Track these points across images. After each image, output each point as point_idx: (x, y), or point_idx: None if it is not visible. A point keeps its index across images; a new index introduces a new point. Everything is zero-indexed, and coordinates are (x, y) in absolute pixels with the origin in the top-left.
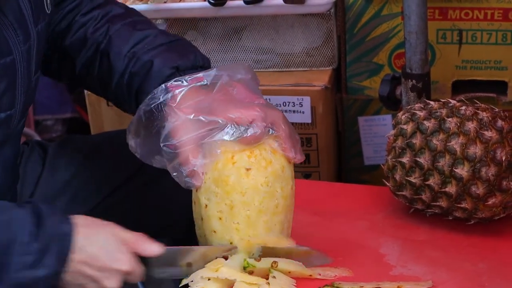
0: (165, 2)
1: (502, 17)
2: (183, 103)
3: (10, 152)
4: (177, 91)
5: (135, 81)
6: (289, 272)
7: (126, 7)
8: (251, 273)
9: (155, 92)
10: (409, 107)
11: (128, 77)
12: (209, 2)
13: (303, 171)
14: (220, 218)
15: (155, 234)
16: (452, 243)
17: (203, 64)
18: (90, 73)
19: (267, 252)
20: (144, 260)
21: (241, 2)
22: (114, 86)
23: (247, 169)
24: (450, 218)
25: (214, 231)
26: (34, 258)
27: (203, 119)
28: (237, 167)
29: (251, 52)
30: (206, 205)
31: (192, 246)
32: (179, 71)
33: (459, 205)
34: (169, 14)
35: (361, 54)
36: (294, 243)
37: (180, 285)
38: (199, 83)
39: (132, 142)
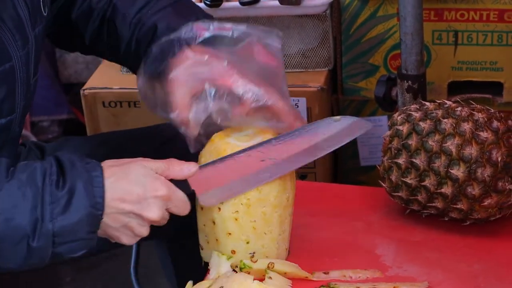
0: None
1: (498, 18)
2: (199, 47)
3: (8, 155)
4: (201, 32)
5: (141, 47)
6: (285, 273)
7: None
8: (247, 273)
9: (181, 28)
10: (404, 108)
11: (135, 44)
12: (205, 3)
13: (299, 172)
14: (236, 219)
15: (154, 233)
16: (448, 244)
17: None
18: (100, 42)
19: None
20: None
21: (237, 3)
22: (122, 52)
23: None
24: (446, 219)
25: (229, 233)
26: (64, 203)
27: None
28: None
29: None
30: (220, 208)
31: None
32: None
33: (455, 206)
34: None
35: (357, 55)
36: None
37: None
38: (225, 33)
39: (141, 82)
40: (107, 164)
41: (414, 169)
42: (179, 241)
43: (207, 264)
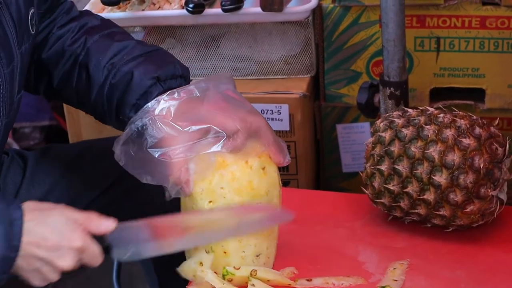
0: (143, 10)
1: (480, 25)
2: (177, 116)
3: None
4: (171, 104)
5: (115, 93)
6: (268, 281)
7: (102, 19)
8: (230, 281)
9: (148, 106)
10: (387, 114)
11: (108, 89)
12: (187, 10)
13: (281, 178)
14: None
15: None
16: (431, 250)
17: (183, 74)
18: (68, 86)
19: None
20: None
21: (219, 10)
22: (93, 98)
23: (263, 168)
24: (429, 225)
25: (239, 240)
26: None
27: (194, 128)
28: (255, 169)
29: (229, 60)
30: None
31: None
32: (159, 81)
33: (437, 213)
34: (147, 22)
35: (339, 62)
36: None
37: None
38: (191, 95)
39: (118, 150)
40: (29, 207)
41: (396, 175)
42: None
43: None
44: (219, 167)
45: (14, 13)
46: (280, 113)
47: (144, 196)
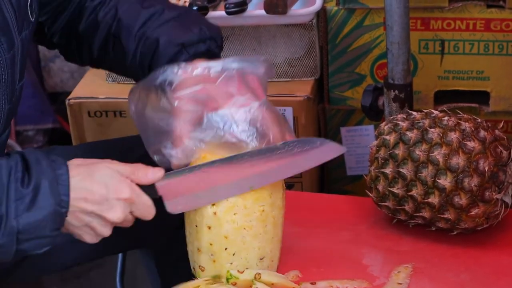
0: None
1: (484, 28)
2: (183, 89)
3: None
4: (181, 77)
5: (145, 61)
6: (272, 284)
7: None
8: (234, 284)
9: (166, 71)
10: (391, 117)
11: (139, 58)
12: None
13: (286, 181)
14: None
15: (138, 244)
16: (435, 253)
17: (211, 36)
18: (107, 56)
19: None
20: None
21: (223, 13)
22: (128, 66)
23: None
24: (433, 228)
25: (244, 242)
26: (29, 200)
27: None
28: None
29: None
30: (234, 221)
31: (198, 164)
32: (185, 47)
33: (442, 216)
34: None
35: (343, 65)
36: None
37: None
38: (201, 73)
39: (132, 103)
40: (74, 163)
41: (401, 179)
42: (166, 250)
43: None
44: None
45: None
46: (284, 115)
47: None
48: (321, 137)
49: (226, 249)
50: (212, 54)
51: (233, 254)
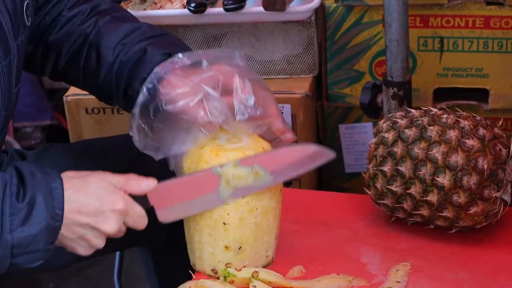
0: (144, 9)
1: (484, 25)
2: (186, 73)
3: None
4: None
5: (125, 69)
6: (270, 283)
7: (113, 3)
8: (231, 282)
9: (154, 71)
10: (390, 115)
11: (118, 67)
12: (189, 9)
13: None
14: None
15: (135, 242)
16: (434, 252)
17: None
18: (75, 66)
19: None
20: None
21: (221, 10)
22: (101, 77)
23: None
24: (432, 226)
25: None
26: (23, 215)
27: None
28: None
29: None
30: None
31: (187, 175)
32: (171, 57)
33: (440, 214)
34: (149, 21)
35: (342, 62)
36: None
37: None
38: (199, 60)
39: (135, 132)
40: (67, 176)
41: (399, 176)
42: (163, 248)
43: (191, 271)
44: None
45: (9, 5)
46: (282, 113)
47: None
48: (319, 134)
49: (246, 244)
50: None
51: (246, 250)
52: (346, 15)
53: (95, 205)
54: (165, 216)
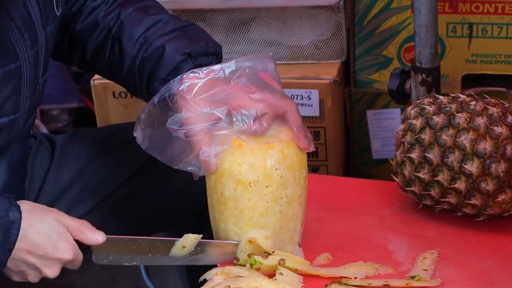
0: None
1: None
2: (198, 95)
3: (17, 150)
4: (193, 82)
5: (146, 66)
6: (296, 270)
7: None
8: (258, 269)
9: (171, 83)
10: (418, 101)
11: (139, 62)
12: None
13: (311, 165)
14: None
15: (162, 227)
16: (461, 239)
17: (215, 51)
18: (101, 58)
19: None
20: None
21: None
22: (125, 71)
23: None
24: (459, 214)
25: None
26: None
27: (217, 113)
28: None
29: (259, 45)
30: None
31: (135, 237)
32: (191, 57)
33: (468, 202)
34: (177, 5)
35: (370, 47)
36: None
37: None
38: (216, 76)
39: (139, 134)
40: (26, 209)
41: (427, 164)
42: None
43: None
44: (236, 149)
45: None
46: (310, 98)
47: (172, 180)
48: (347, 120)
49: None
50: None
51: (271, 238)
52: (374, 0)
53: (46, 250)
54: (98, 259)
